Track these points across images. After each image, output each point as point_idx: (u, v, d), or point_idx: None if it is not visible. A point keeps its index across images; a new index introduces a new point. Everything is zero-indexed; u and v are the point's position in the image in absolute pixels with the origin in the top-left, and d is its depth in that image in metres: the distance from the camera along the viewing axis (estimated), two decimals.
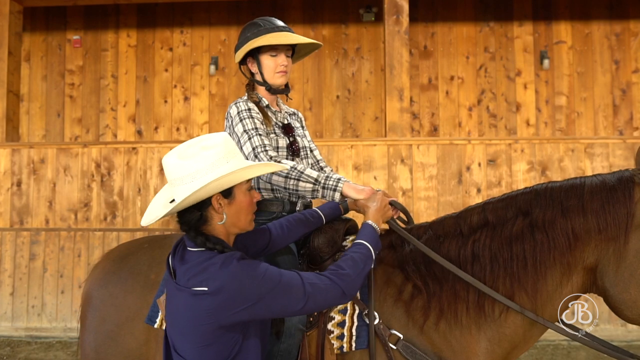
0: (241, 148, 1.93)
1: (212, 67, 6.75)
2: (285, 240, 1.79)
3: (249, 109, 1.97)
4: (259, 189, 2.00)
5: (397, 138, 5.40)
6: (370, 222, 1.66)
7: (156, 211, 1.49)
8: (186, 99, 6.88)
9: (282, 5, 6.77)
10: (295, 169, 1.84)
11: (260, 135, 1.91)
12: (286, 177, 1.83)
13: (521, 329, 1.61)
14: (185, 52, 6.90)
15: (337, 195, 1.79)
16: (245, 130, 1.93)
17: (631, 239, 1.50)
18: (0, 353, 4.88)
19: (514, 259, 1.57)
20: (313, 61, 6.80)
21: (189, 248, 1.47)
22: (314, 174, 1.83)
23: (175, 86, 6.88)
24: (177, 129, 6.88)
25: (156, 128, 6.87)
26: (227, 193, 1.46)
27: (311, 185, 1.81)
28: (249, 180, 1.50)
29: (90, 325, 1.97)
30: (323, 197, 1.81)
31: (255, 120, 1.95)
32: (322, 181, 1.81)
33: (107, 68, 6.89)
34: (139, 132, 6.85)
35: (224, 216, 1.46)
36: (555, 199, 1.58)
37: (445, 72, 6.74)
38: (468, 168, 5.36)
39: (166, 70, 6.88)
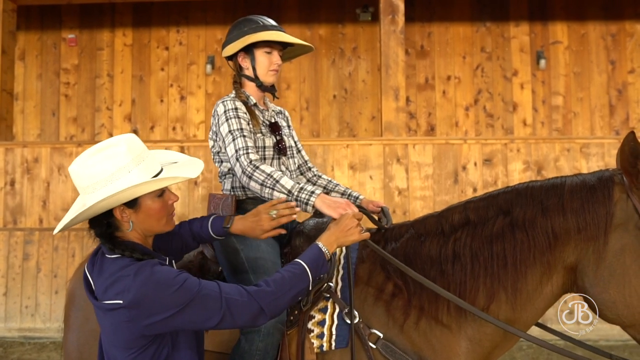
0: (225, 148, 1.92)
1: (209, 67, 6.75)
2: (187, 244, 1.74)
3: (236, 108, 1.94)
4: (242, 187, 1.99)
5: (393, 137, 5.39)
6: (319, 243, 1.54)
7: (65, 219, 1.46)
8: (182, 98, 6.87)
9: (279, 4, 6.77)
10: (272, 177, 1.79)
11: (244, 136, 1.87)
12: (262, 185, 1.79)
13: (501, 329, 1.59)
14: (181, 51, 6.89)
15: (310, 209, 1.74)
16: (230, 131, 1.90)
17: (610, 239, 1.49)
18: None
19: (494, 258, 1.56)
20: (310, 61, 6.79)
21: (106, 255, 1.44)
22: (289, 184, 1.77)
23: (172, 85, 6.87)
24: (174, 128, 6.87)
25: (152, 127, 6.86)
26: (132, 203, 1.41)
27: (286, 192, 1.77)
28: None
29: (73, 324, 1.96)
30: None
31: (241, 121, 1.92)
32: (295, 193, 1.75)
33: (102, 67, 6.88)
34: (135, 132, 6.83)
35: (130, 224, 1.43)
36: (535, 198, 1.57)
37: (442, 72, 6.73)
38: (464, 168, 5.35)
39: (162, 69, 6.87)
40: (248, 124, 1.94)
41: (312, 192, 1.74)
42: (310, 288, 1.52)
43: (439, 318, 1.61)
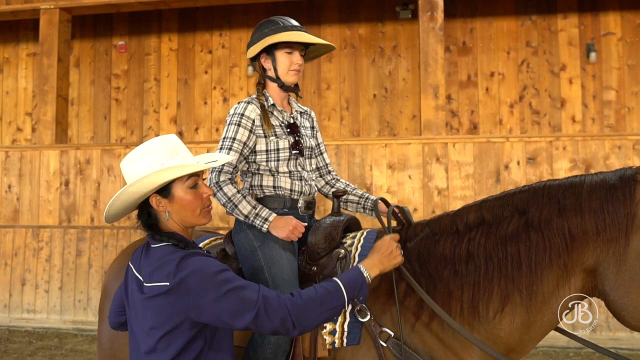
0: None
1: (250, 69, 6.87)
2: None
3: (242, 115, 2.00)
4: (260, 185, 2.03)
5: (432, 136, 5.31)
6: (361, 267, 1.53)
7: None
8: (225, 100, 7.03)
9: (319, 5, 6.80)
10: (231, 201, 1.93)
11: (229, 148, 1.96)
12: (224, 205, 1.96)
13: (517, 332, 1.55)
14: (224, 55, 7.06)
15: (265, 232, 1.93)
16: (223, 138, 2.00)
17: (632, 240, 1.40)
18: (49, 344, 5.16)
19: (508, 259, 1.51)
20: (349, 60, 6.79)
21: (151, 245, 1.54)
22: (246, 209, 1.92)
23: (215, 88, 7.05)
24: (217, 130, 7.05)
25: (196, 129, 7.07)
26: (166, 193, 1.52)
27: (243, 218, 1.94)
28: (192, 177, 1.53)
29: (105, 316, 2.06)
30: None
31: (240, 129, 1.98)
32: (251, 218, 1.92)
33: (150, 72, 7.15)
34: (180, 133, 7.06)
35: (166, 214, 1.53)
36: (552, 198, 1.51)
37: (485, 68, 6.56)
38: (506, 167, 5.20)
39: (206, 72, 7.06)
40: (251, 132, 1.99)
41: (266, 220, 1.91)
42: (347, 309, 1.49)
43: (451, 319, 1.58)
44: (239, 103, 2.04)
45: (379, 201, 2.03)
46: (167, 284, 1.41)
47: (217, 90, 7.04)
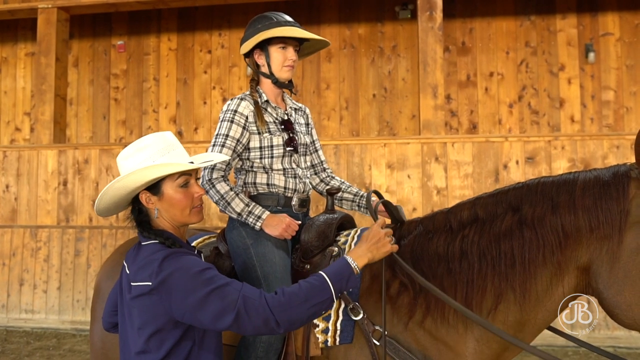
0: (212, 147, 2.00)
1: (249, 68, 6.85)
2: None
3: (235, 111, 1.98)
4: (254, 183, 2.02)
5: (431, 136, 5.30)
6: (348, 257, 1.48)
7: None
8: (224, 100, 7.02)
9: (319, 5, 6.80)
10: (224, 199, 1.92)
11: (222, 145, 1.95)
12: (216, 203, 1.94)
13: (511, 330, 1.53)
14: (223, 54, 7.05)
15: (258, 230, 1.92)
16: (216, 135, 1.99)
17: (625, 238, 1.39)
18: (47, 344, 5.15)
19: (502, 257, 1.50)
20: (349, 60, 6.79)
21: (141, 243, 1.53)
22: (239, 207, 1.90)
23: (214, 87, 7.04)
24: None
25: (196, 129, 7.06)
26: (156, 190, 1.51)
27: (236, 216, 1.92)
28: (183, 176, 1.52)
29: (98, 315, 2.05)
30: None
31: (233, 126, 1.96)
32: (244, 216, 1.91)
33: (149, 71, 7.14)
34: (180, 133, 7.06)
35: (156, 211, 1.52)
36: (545, 195, 1.50)
37: (484, 68, 6.56)
38: (505, 166, 5.19)
39: (205, 72, 7.06)
40: (244, 129, 1.98)
41: (259, 217, 1.89)
42: (335, 301, 1.43)
43: (445, 317, 1.57)
44: (232, 99, 2.03)
45: (372, 193, 1.95)
46: (150, 283, 1.41)
47: (217, 90, 7.04)
